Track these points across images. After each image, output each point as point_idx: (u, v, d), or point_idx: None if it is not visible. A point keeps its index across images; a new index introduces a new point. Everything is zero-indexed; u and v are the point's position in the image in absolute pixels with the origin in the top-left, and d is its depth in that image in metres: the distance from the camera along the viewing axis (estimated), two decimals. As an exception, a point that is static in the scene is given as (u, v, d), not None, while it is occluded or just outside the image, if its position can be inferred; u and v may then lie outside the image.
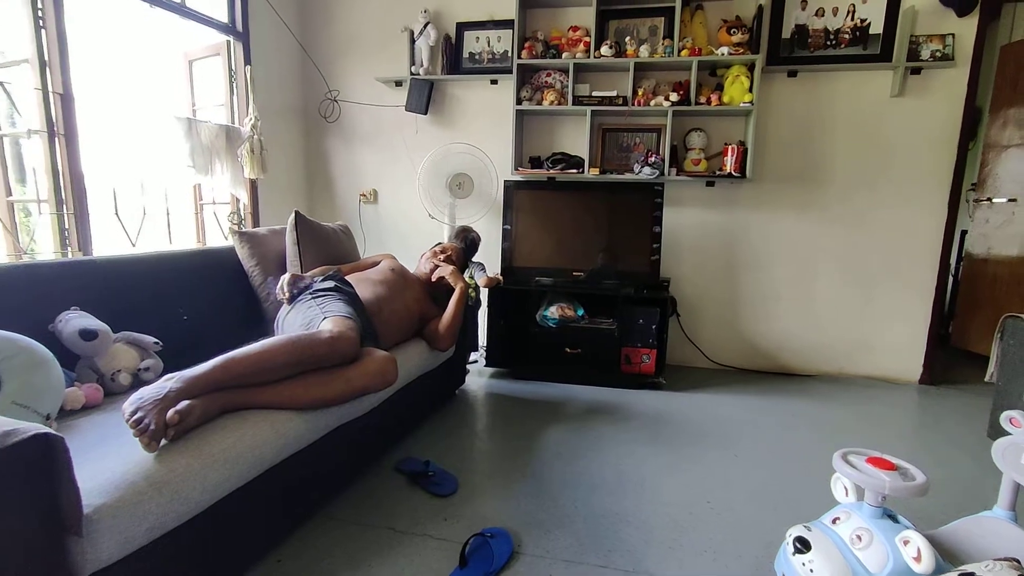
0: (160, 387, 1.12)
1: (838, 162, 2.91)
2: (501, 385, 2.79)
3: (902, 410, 2.61)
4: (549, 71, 3.09)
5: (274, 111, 3.20)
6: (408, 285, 2.19)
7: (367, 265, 2.28)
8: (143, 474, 0.99)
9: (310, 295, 1.76)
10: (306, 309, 1.69)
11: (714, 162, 3.00)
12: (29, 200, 2.14)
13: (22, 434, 0.78)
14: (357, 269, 2.20)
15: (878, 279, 2.96)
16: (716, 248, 3.11)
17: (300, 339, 1.41)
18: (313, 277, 1.89)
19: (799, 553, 1.13)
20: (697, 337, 3.19)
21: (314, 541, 1.44)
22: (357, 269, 2.20)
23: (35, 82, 2.06)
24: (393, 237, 3.49)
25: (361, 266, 2.26)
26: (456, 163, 3.05)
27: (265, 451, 1.27)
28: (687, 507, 1.65)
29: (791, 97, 2.92)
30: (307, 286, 1.83)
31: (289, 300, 1.81)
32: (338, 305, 1.67)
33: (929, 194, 2.84)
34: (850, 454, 1.20)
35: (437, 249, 2.39)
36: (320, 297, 1.72)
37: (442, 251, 2.37)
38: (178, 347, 1.72)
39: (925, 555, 0.99)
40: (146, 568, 0.99)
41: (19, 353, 1.19)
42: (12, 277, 1.46)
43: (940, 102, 2.76)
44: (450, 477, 1.76)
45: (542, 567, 1.35)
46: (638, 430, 2.22)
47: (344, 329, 1.51)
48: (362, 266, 2.26)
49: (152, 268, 1.88)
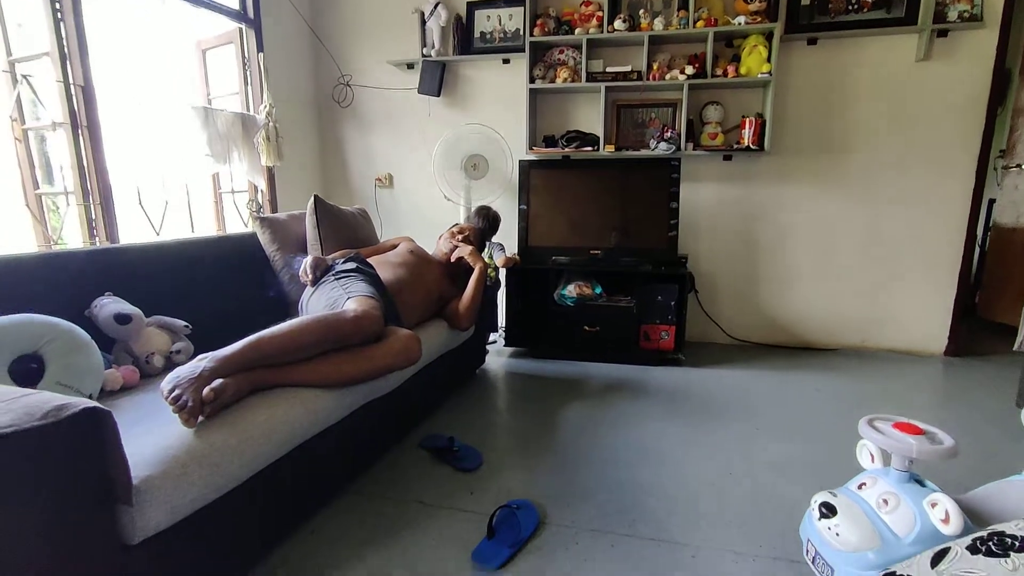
0: (195, 367, 1.16)
1: (860, 132, 2.85)
2: (520, 364, 2.82)
3: (927, 382, 2.58)
4: (562, 48, 3.05)
5: (288, 98, 3.22)
6: (427, 266, 2.21)
7: (386, 248, 2.30)
8: (185, 448, 1.03)
9: (333, 276, 1.79)
10: (329, 290, 1.72)
11: (731, 136, 2.95)
12: (56, 192, 2.19)
13: (73, 408, 0.82)
14: (376, 252, 2.23)
15: (902, 250, 2.91)
16: (734, 223, 3.08)
17: (326, 319, 1.44)
18: (334, 260, 1.92)
19: (825, 518, 1.14)
20: (716, 313, 3.17)
21: (345, 514, 1.48)
22: (376, 252, 2.23)
23: (56, 75, 2.09)
24: (410, 221, 3.50)
25: (380, 249, 2.29)
26: (470, 144, 3.04)
27: (296, 427, 1.31)
28: (709, 478, 1.66)
29: (811, 66, 2.84)
30: (329, 268, 1.86)
31: (312, 282, 1.84)
32: (361, 285, 1.70)
33: (955, 162, 2.77)
34: (876, 420, 1.20)
35: (455, 230, 2.41)
36: (343, 278, 1.75)
37: (460, 231, 2.38)
38: (206, 330, 1.77)
39: (953, 517, 1.00)
40: (191, 536, 1.03)
41: (61, 336, 1.24)
42: (48, 265, 1.51)
43: (968, 66, 2.68)
44: (474, 452, 1.79)
45: (568, 536, 1.38)
46: (658, 405, 2.24)
47: (368, 308, 1.54)
48: (381, 249, 2.29)
49: (178, 255, 1.92)
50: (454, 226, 2.47)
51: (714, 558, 1.30)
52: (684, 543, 1.35)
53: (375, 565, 1.27)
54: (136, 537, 0.92)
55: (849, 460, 1.31)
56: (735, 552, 1.32)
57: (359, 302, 1.58)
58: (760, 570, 1.26)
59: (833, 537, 1.12)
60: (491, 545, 1.33)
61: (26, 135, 2.13)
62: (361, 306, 1.54)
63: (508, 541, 1.34)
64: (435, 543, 1.36)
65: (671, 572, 1.25)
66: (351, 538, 1.38)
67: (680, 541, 1.36)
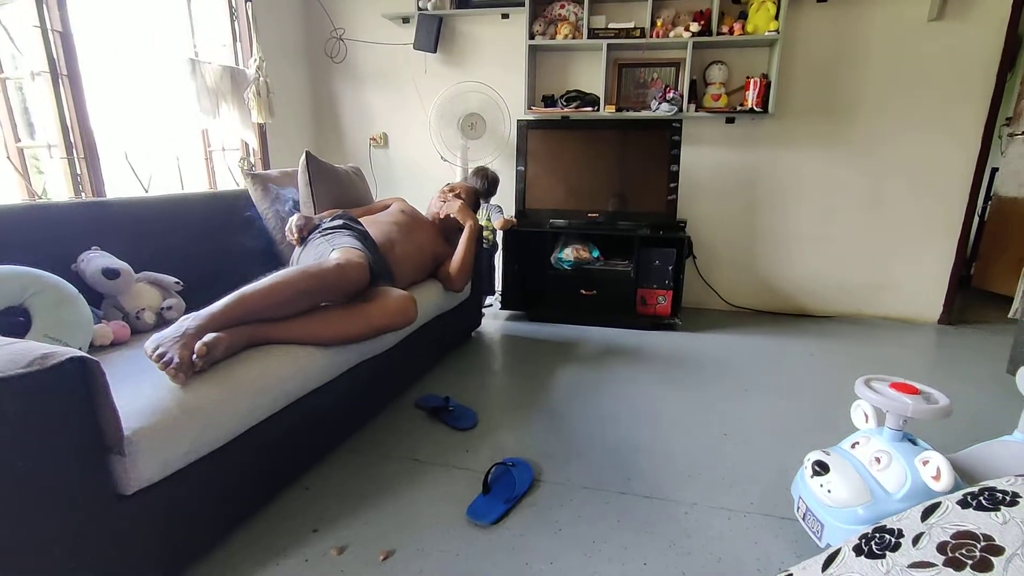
0: (178, 326, 1.14)
1: (867, 94, 2.78)
2: (517, 327, 2.82)
3: (921, 349, 2.60)
4: (563, 2, 2.93)
5: (278, 52, 3.10)
6: (420, 226, 2.17)
7: (378, 208, 2.25)
8: (176, 401, 1.02)
9: (319, 233, 1.75)
10: (316, 246, 1.70)
11: (735, 98, 2.88)
12: (39, 145, 2.12)
13: (60, 356, 0.80)
14: (368, 213, 2.18)
15: (902, 218, 2.88)
16: (735, 188, 3.03)
17: (308, 268, 1.42)
18: (321, 219, 1.88)
19: (817, 475, 1.15)
20: (713, 279, 3.16)
21: (339, 470, 1.49)
22: (368, 213, 2.18)
23: (33, 20, 1.99)
24: (405, 181, 3.44)
25: (372, 209, 2.24)
26: (468, 103, 2.96)
27: (289, 385, 1.30)
28: (704, 439, 1.68)
29: (820, 24, 2.75)
30: (316, 226, 1.83)
31: (299, 241, 1.81)
32: (347, 239, 1.67)
33: (962, 128, 2.72)
34: (873, 380, 1.20)
35: (446, 188, 2.36)
36: (330, 234, 1.72)
37: (451, 190, 2.33)
38: (197, 287, 1.74)
39: (944, 474, 1.01)
40: (185, 489, 1.03)
41: (48, 288, 1.21)
42: (31, 218, 1.46)
43: (980, 26, 2.60)
44: (470, 412, 1.80)
45: (563, 493, 1.39)
46: (654, 369, 2.24)
47: (351, 256, 1.51)
48: (373, 209, 2.24)
49: (168, 211, 1.88)
50: (446, 185, 2.42)
51: (707, 515, 1.32)
52: (677, 500, 1.37)
53: (370, 520, 1.29)
54: (130, 488, 0.92)
55: (842, 422, 1.32)
56: (727, 509, 1.34)
57: (343, 252, 1.55)
58: (751, 525, 1.28)
59: (825, 494, 1.13)
60: (486, 501, 1.34)
61: (4, 85, 2.04)
62: (344, 255, 1.52)
63: (503, 497, 1.35)
64: (430, 499, 1.37)
65: (664, 527, 1.27)
66: (346, 494, 1.39)
67: (673, 498, 1.38)
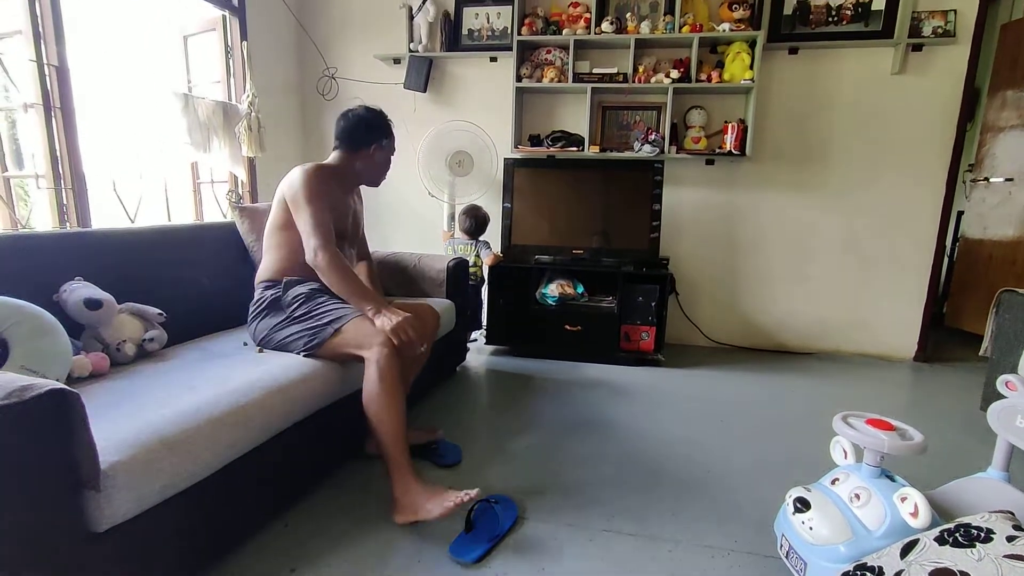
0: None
1: (837, 140, 2.92)
2: (502, 362, 2.82)
3: (897, 385, 2.65)
4: (549, 48, 3.07)
5: (271, 88, 3.17)
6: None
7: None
8: (156, 434, 1.00)
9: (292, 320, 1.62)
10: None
11: (714, 140, 3.00)
12: (27, 175, 2.12)
13: (39, 389, 0.79)
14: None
15: (875, 259, 2.98)
16: (715, 227, 3.12)
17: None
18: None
19: (799, 512, 1.16)
20: (696, 315, 3.21)
21: (321, 507, 1.46)
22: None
23: (30, 54, 2.03)
24: (393, 217, 3.47)
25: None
26: (456, 141, 3.03)
27: (272, 417, 1.28)
28: (688, 476, 1.68)
29: (792, 74, 2.91)
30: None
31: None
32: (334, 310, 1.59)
33: (927, 174, 2.86)
34: (850, 416, 1.22)
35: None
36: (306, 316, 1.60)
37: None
38: (180, 319, 1.73)
39: (922, 510, 1.02)
40: (160, 525, 1.00)
41: (26, 319, 1.19)
42: (14, 247, 1.45)
43: (941, 80, 2.77)
44: (454, 448, 1.78)
45: (547, 531, 1.38)
46: (638, 405, 2.25)
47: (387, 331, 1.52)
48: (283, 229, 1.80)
49: (153, 242, 1.87)
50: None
51: (691, 553, 1.31)
52: (661, 538, 1.36)
53: (350, 558, 1.25)
54: (103, 525, 0.89)
55: (822, 459, 1.34)
56: (711, 547, 1.33)
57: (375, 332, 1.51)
58: (735, 564, 1.27)
59: (807, 531, 1.14)
60: (468, 539, 1.32)
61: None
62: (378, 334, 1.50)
63: (486, 535, 1.33)
64: (412, 537, 1.34)
65: (648, 566, 1.26)
66: (326, 532, 1.35)
67: (658, 536, 1.37)
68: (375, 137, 1.82)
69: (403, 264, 2.46)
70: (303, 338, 1.54)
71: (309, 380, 1.42)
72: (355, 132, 1.80)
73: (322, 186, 1.66)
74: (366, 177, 1.89)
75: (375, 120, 1.83)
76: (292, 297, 1.61)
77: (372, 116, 1.83)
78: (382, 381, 1.43)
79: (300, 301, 1.60)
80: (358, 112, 1.83)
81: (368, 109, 1.84)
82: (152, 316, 1.62)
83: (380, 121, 1.85)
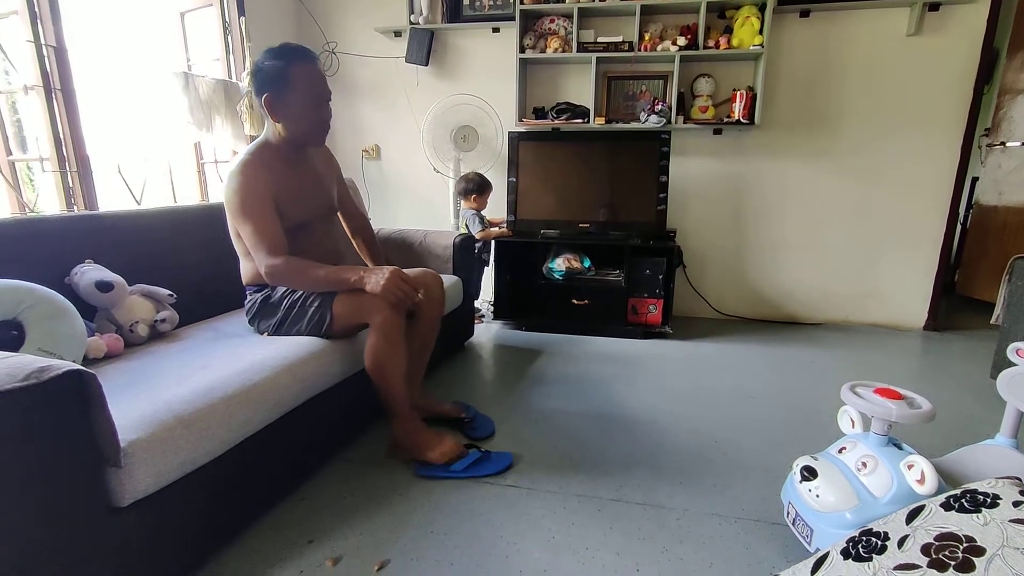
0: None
1: (849, 107, 2.85)
2: (509, 336, 2.83)
3: (907, 354, 2.64)
4: (552, 17, 2.99)
5: (271, 65, 3.12)
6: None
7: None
8: (172, 413, 1.02)
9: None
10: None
11: (722, 109, 2.94)
12: (31, 159, 2.12)
13: (56, 370, 0.81)
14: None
15: (887, 227, 2.94)
16: (723, 198, 3.08)
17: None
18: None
19: (806, 480, 1.18)
20: (703, 287, 3.20)
21: (335, 481, 1.49)
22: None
23: (27, 35, 2.01)
24: (398, 193, 3.46)
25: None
26: (460, 115, 2.99)
27: (285, 395, 1.30)
28: (695, 446, 1.70)
29: (803, 39, 2.82)
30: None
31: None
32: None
33: (942, 139, 2.79)
34: (858, 386, 1.23)
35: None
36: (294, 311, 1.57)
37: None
38: (190, 299, 1.75)
39: (928, 477, 1.03)
40: (180, 500, 1.03)
41: (41, 302, 1.21)
42: (25, 231, 1.46)
43: (957, 41, 2.68)
44: (487, 420, 1.82)
45: (556, 501, 1.40)
46: (646, 376, 2.26)
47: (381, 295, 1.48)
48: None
49: (161, 223, 1.87)
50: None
51: (698, 520, 1.33)
52: (669, 507, 1.39)
53: (365, 530, 1.29)
54: (126, 499, 0.92)
55: (830, 429, 1.34)
56: (718, 515, 1.35)
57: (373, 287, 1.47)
58: (742, 531, 1.29)
59: (813, 499, 1.15)
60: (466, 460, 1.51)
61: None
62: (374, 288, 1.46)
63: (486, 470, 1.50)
64: (425, 508, 1.37)
65: (656, 534, 1.28)
66: (341, 504, 1.39)
67: (666, 505, 1.39)
68: (268, 87, 1.47)
69: (409, 241, 2.46)
70: (306, 329, 1.54)
71: (319, 357, 1.44)
72: (259, 92, 1.49)
73: (254, 188, 1.46)
74: (301, 138, 1.57)
75: (262, 65, 1.47)
76: (280, 295, 1.58)
77: (259, 62, 1.48)
78: (387, 340, 1.46)
79: (288, 298, 1.57)
80: (255, 63, 1.49)
81: (263, 53, 1.49)
82: (163, 297, 1.64)
83: (266, 63, 1.46)
